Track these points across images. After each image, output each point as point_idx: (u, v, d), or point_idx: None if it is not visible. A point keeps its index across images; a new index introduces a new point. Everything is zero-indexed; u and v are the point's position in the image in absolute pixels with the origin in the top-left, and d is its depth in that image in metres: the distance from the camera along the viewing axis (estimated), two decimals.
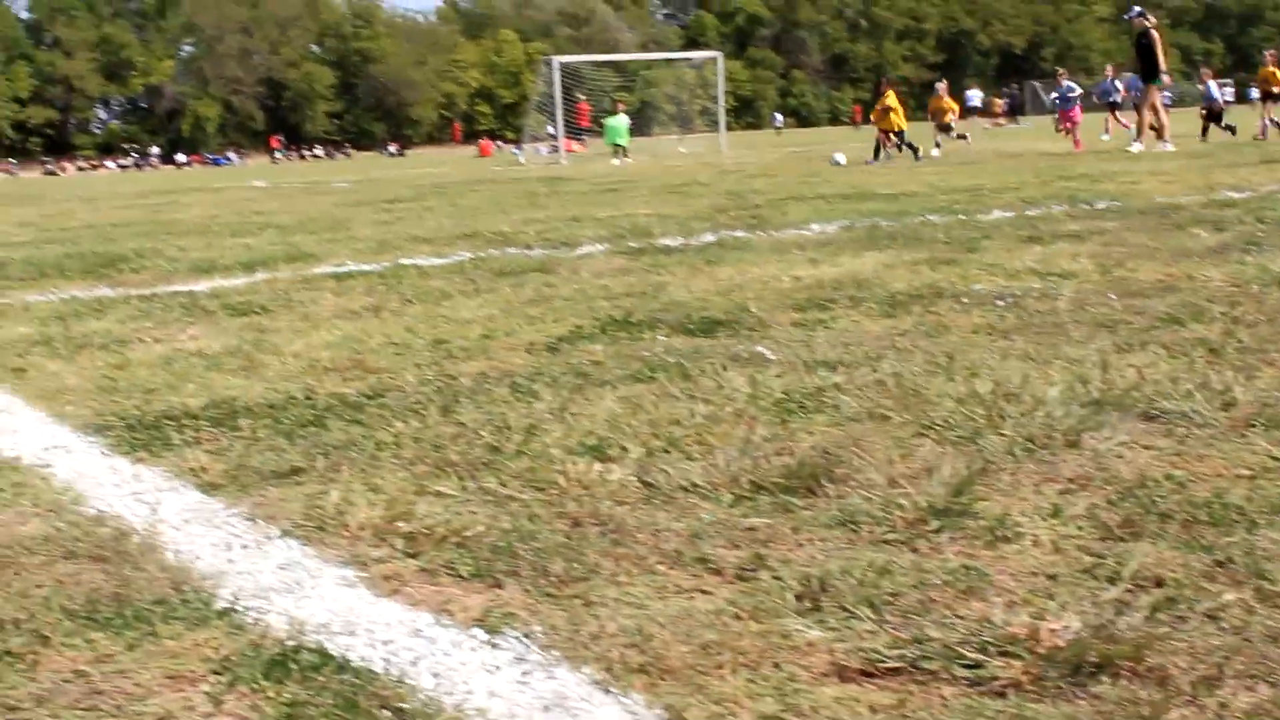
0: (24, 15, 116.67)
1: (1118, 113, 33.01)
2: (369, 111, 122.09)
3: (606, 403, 4.26)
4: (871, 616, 2.38)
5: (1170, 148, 22.34)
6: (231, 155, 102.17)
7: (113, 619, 2.55)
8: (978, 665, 2.16)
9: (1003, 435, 3.59)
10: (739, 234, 10.37)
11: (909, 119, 28.55)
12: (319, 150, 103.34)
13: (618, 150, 37.55)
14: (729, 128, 45.95)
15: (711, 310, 6.22)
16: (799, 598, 2.49)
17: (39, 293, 8.78)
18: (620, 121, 38.95)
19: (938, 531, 2.84)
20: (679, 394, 4.35)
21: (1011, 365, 4.51)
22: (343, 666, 2.28)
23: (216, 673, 2.30)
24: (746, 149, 42.32)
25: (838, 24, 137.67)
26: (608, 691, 2.14)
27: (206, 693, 2.22)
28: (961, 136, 28.94)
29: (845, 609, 2.42)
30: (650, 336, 5.60)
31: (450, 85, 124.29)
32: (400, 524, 3.07)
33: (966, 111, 41.79)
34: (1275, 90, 28.21)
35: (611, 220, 12.73)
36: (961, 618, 2.34)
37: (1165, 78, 23.51)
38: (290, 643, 2.39)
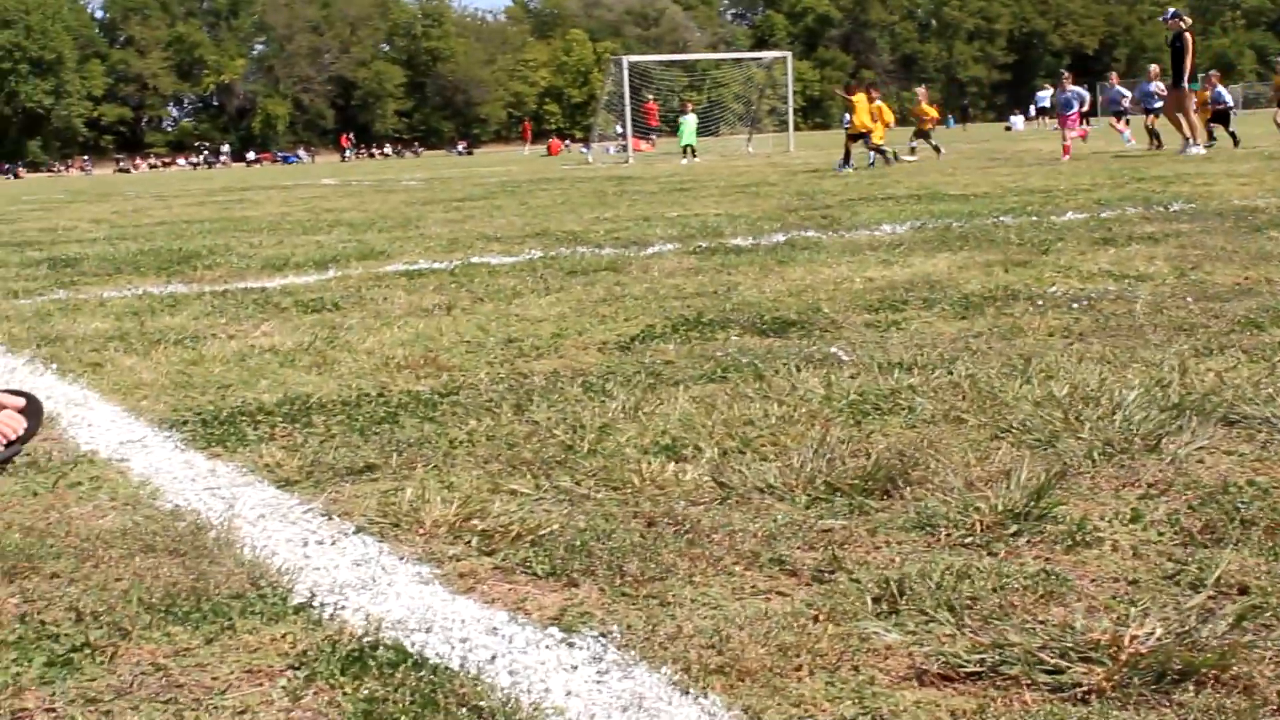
0: (99, 14, 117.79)
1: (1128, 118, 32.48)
2: (438, 110, 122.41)
3: (680, 402, 4.25)
4: (951, 620, 2.36)
5: (1201, 150, 22.14)
6: (301, 153, 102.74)
7: (191, 613, 2.56)
8: (1059, 671, 2.13)
9: (1080, 439, 3.56)
10: (809, 234, 10.34)
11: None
12: (388, 149, 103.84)
13: (687, 150, 37.47)
14: (797, 128, 45.77)
15: (784, 311, 6.19)
16: (877, 600, 2.48)
17: (114, 288, 8.86)
18: (690, 121, 38.89)
19: (1016, 535, 2.81)
20: (752, 394, 4.34)
21: (1088, 368, 4.47)
22: (420, 663, 2.28)
23: (294, 668, 2.30)
24: (815, 149, 42.15)
25: (908, 24, 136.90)
26: (686, 692, 2.13)
27: (284, 688, 2.23)
28: (936, 149, 28.60)
29: (924, 612, 2.40)
30: (723, 337, 5.58)
31: (519, 85, 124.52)
32: (475, 521, 3.07)
33: (1040, 112, 41.33)
34: None
35: (681, 220, 12.72)
36: (1042, 623, 2.32)
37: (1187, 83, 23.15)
38: (367, 639, 2.40)
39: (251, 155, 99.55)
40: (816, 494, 3.19)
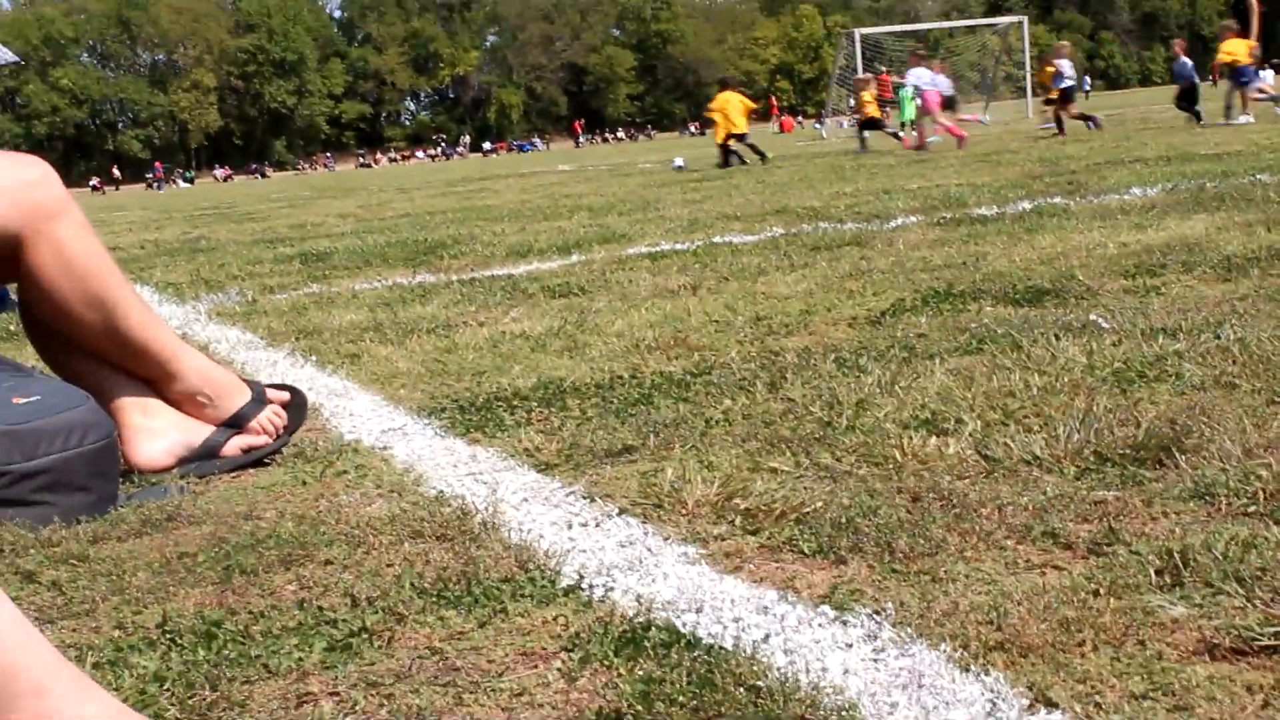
0: (337, 14, 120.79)
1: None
2: (669, 93, 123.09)
3: (936, 375, 4.18)
4: (1240, 592, 2.27)
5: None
6: (536, 141, 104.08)
7: (462, 597, 2.59)
8: None
9: None
10: (1056, 201, 10.12)
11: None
12: (620, 133, 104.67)
13: (904, 125, 36.78)
14: (1034, 94, 44.88)
15: (1036, 279, 6.06)
16: (1159, 573, 2.39)
17: (364, 280, 9.05)
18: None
19: None
20: (1011, 365, 4.24)
21: None
22: (693, 644, 2.26)
23: (568, 650, 2.31)
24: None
25: None
26: (966, 669, 2.08)
27: (560, 670, 2.23)
28: (894, 135, 27.67)
29: (1210, 584, 2.31)
30: (975, 308, 5.48)
31: (750, 63, 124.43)
32: (737, 501, 3.05)
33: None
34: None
35: (922, 191, 12.56)
36: None
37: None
38: (639, 620, 2.39)
39: (487, 145, 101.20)
40: (1086, 465, 3.10)
